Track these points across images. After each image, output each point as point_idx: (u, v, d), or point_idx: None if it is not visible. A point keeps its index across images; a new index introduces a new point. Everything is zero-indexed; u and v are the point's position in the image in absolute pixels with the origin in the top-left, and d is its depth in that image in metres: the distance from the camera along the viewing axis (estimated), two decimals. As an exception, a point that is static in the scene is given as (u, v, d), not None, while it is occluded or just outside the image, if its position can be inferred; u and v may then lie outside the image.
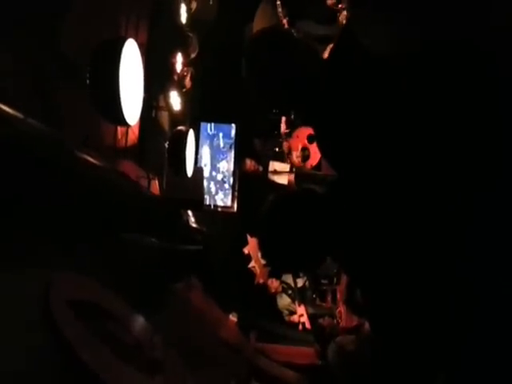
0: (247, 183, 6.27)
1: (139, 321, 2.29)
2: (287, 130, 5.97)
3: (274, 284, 5.46)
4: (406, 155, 1.23)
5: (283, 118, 5.99)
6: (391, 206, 1.27)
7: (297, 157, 5.67)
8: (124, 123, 2.08)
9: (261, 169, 6.02)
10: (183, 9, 4.99)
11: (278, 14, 5.63)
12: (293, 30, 5.85)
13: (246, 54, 1.39)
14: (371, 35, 1.26)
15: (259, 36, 1.45)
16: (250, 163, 6.06)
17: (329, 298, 5.21)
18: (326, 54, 4.62)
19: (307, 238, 1.32)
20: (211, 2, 6.07)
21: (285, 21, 5.87)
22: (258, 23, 5.04)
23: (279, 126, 6.11)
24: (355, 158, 1.32)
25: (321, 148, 1.49)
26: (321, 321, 4.38)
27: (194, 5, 5.50)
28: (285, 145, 5.98)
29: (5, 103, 1.60)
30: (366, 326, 2.87)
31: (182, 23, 4.94)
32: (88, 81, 1.91)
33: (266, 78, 1.36)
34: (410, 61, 1.22)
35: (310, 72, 1.35)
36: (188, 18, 5.09)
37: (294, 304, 5.36)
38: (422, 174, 1.23)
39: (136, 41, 2.19)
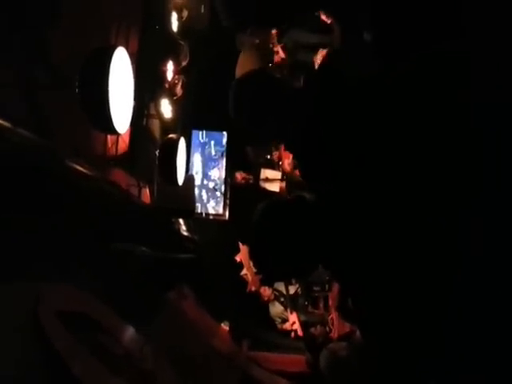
0: (239, 191, 6.27)
1: (129, 331, 2.28)
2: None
3: (266, 292, 5.45)
4: (390, 167, 1.26)
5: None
6: (380, 214, 1.28)
7: (288, 164, 5.69)
8: (113, 131, 2.08)
9: (252, 179, 6.03)
10: (174, 17, 5.01)
11: (272, 41, 5.73)
12: (283, 39, 5.92)
13: (231, 96, 1.51)
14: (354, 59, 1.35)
15: (242, 79, 1.55)
16: (240, 176, 6.08)
17: (321, 305, 5.20)
18: (317, 61, 4.65)
19: (298, 245, 1.32)
20: (202, 11, 6.10)
21: (277, 49, 5.91)
22: (240, 69, 5.30)
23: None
24: (337, 178, 1.36)
25: (303, 176, 1.58)
26: (312, 330, 4.37)
27: (185, 13, 5.52)
28: (275, 153, 6.00)
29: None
30: (358, 332, 2.87)
31: (173, 31, 4.96)
32: (78, 89, 1.91)
33: (248, 117, 1.48)
34: (389, 82, 1.27)
35: (287, 109, 1.45)
36: (179, 26, 5.11)
37: (287, 311, 5.35)
38: (408, 182, 1.25)
39: (127, 49, 2.19)
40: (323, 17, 4.50)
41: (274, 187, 5.78)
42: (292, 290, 5.39)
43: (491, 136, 1.18)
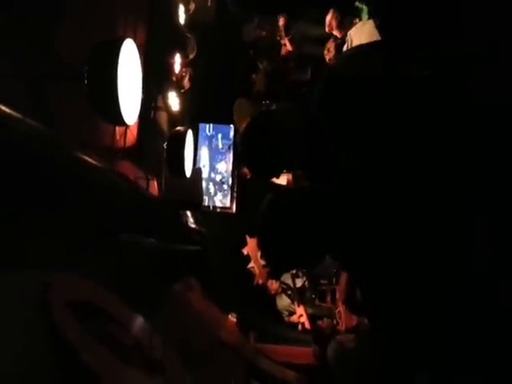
0: (246, 184, 6.27)
1: (138, 321, 2.29)
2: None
3: (273, 286, 5.46)
4: (399, 163, 1.28)
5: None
6: (388, 203, 1.28)
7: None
8: (122, 123, 2.08)
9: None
10: (181, 10, 5.00)
11: (279, 33, 5.79)
12: (290, 31, 5.90)
13: (239, 143, 1.63)
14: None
15: (248, 127, 1.62)
16: (247, 170, 6.08)
17: (328, 298, 5.20)
18: (325, 54, 4.64)
19: (306, 235, 1.32)
20: (209, 3, 6.08)
21: (282, 21, 5.90)
22: (238, 114, 5.62)
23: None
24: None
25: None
26: (320, 323, 4.38)
27: (192, 6, 5.51)
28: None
29: (3, 104, 1.60)
30: (366, 324, 2.88)
31: (180, 24, 4.94)
32: (86, 81, 1.91)
33: (256, 162, 1.57)
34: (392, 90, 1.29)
35: (291, 148, 1.52)
36: (186, 19, 5.10)
37: (294, 304, 5.36)
38: (414, 178, 1.26)
39: (134, 41, 2.19)
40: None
41: (281, 180, 5.77)
42: (299, 282, 5.39)
43: (493, 138, 1.18)
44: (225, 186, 6.71)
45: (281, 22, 5.94)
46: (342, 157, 1.39)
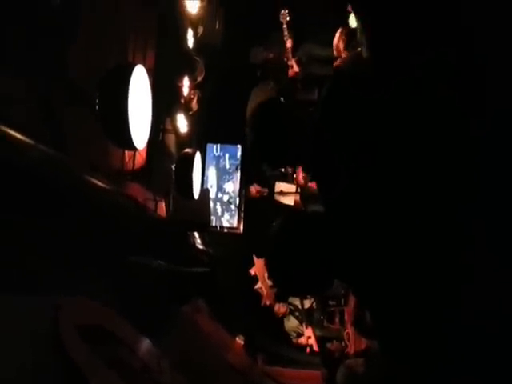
0: (253, 204, 6.27)
1: (146, 345, 2.29)
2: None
3: (281, 310, 5.41)
4: (401, 181, 1.28)
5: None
6: (394, 228, 1.29)
7: (303, 177, 5.69)
8: (133, 148, 2.11)
9: (267, 192, 6.03)
10: (190, 33, 5.08)
11: (286, 55, 5.85)
12: (297, 53, 5.97)
13: (248, 125, 1.57)
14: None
15: (258, 109, 1.61)
16: (255, 189, 6.09)
17: (337, 320, 5.15)
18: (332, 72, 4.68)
19: (315, 261, 1.32)
20: (217, 27, 6.17)
21: (289, 43, 5.97)
22: (253, 103, 5.50)
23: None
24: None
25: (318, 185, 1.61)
26: (329, 345, 4.33)
27: (200, 29, 5.59)
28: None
29: (16, 130, 1.64)
30: (375, 347, 2.84)
31: (188, 47, 5.02)
32: (97, 106, 1.95)
33: (265, 144, 1.52)
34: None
35: (300, 136, 1.49)
36: (195, 43, 5.17)
37: (302, 326, 5.31)
38: (418, 195, 1.26)
39: (144, 66, 2.23)
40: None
41: (289, 200, 5.77)
42: (307, 304, 5.35)
43: (492, 141, 1.19)
44: (232, 207, 6.71)
45: (288, 44, 6.01)
46: (342, 159, 1.39)
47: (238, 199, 6.73)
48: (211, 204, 5.49)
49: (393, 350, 1.42)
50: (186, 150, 3.69)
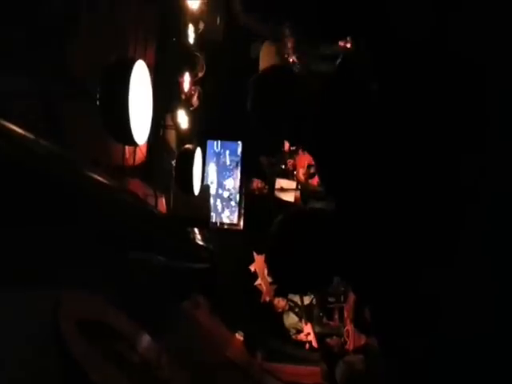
0: (253, 200, 6.28)
1: (146, 340, 2.29)
2: (293, 148, 6.00)
3: (280, 303, 5.43)
4: (403, 176, 1.28)
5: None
6: (394, 223, 1.29)
7: (303, 174, 5.69)
8: (133, 143, 2.11)
9: (267, 188, 6.03)
10: (191, 29, 5.07)
11: (287, 51, 5.76)
12: (299, 66, 5.96)
13: (251, 89, 1.48)
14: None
15: (264, 73, 1.54)
16: (257, 183, 6.09)
17: (336, 317, 5.16)
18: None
19: (316, 258, 1.32)
20: (218, 22, 6.16)
21: (293, 58, 5.94)
22: (264, 61, 5.25)
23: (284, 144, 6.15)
24: (353, 182, 1.37)
25: (320, 177, 1.58)
26: (328, 340, 4.34)
27: (201, 25, 5.59)
28: (290, 162, 6.01)
29: (17, 124, 1.63)
30: (375, 344, 2.85)
31: (189, 43, 5.01)
32: (98, 102, 1.94)
33: (268, 111, 1.47)
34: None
35: (307, 107, 1.45)
36: (195, 39, 5.17)
37: (301, 322, 5.32)
38: (419, 191, 1.26)
39: (144, 61, 2.23)
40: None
41: (289, 197, 5.78)
42: (307, 300, 5.36)
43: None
44: (232, 203, 6.71)
45: (289, 43, 6.00)
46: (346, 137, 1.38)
47: (238, 196, 6.73)
48: (211, 200, 5.50)
49: (391, 347, 1.43)
50: (187, 145, 3.69)
